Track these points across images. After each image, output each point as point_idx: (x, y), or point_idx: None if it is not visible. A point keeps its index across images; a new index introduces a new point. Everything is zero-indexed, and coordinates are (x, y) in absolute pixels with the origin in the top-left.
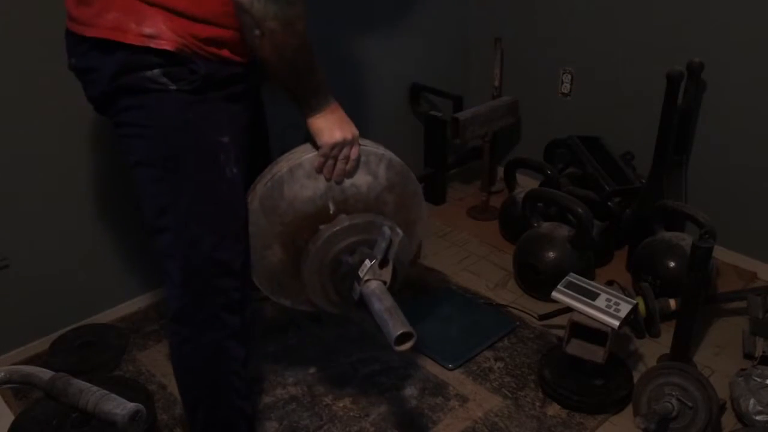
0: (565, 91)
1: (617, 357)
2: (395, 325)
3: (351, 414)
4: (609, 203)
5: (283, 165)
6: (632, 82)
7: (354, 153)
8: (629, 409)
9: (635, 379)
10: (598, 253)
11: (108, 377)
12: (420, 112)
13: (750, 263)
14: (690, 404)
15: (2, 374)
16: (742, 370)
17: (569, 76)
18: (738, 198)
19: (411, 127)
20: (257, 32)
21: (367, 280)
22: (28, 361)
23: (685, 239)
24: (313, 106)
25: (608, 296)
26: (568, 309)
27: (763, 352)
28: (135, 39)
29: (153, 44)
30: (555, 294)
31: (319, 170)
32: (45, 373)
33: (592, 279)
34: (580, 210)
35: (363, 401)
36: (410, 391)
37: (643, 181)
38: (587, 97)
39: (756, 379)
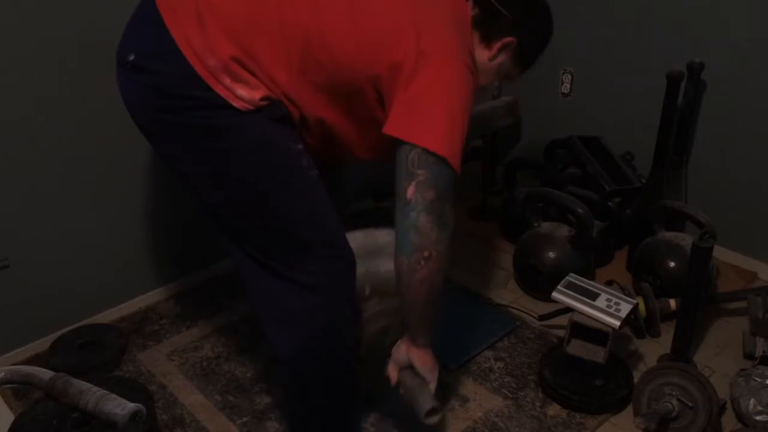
0: (565, 91)
1: (617, 357)
2: (425, 400)
3: None
4: (609, 203)
5: None
6: (632, 82)
7: None
8: (629, 409)
9: (635, 379)
10: (598, 253)
11: (108, 377)
12: None
13: (750, 263)
14: (690, 404)
15: (2, 374)
16: (742, 370)
17: (569, 76)
18: (738, 198)
19: None
20: (426, 254)
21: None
22: (28, 361)
23: (685, 239)
24: (425, 339)
25: (608, 296)
26: (568, 309)
27: (764, 352)
28: (222, 91)
29: (234, 101)
30: (555, 294)
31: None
32: (45, 373)
33: (592, 279)
34: (580, 210)
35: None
36: None
37: (643, 181)
38: (587, 97)
39: (756, 379)
